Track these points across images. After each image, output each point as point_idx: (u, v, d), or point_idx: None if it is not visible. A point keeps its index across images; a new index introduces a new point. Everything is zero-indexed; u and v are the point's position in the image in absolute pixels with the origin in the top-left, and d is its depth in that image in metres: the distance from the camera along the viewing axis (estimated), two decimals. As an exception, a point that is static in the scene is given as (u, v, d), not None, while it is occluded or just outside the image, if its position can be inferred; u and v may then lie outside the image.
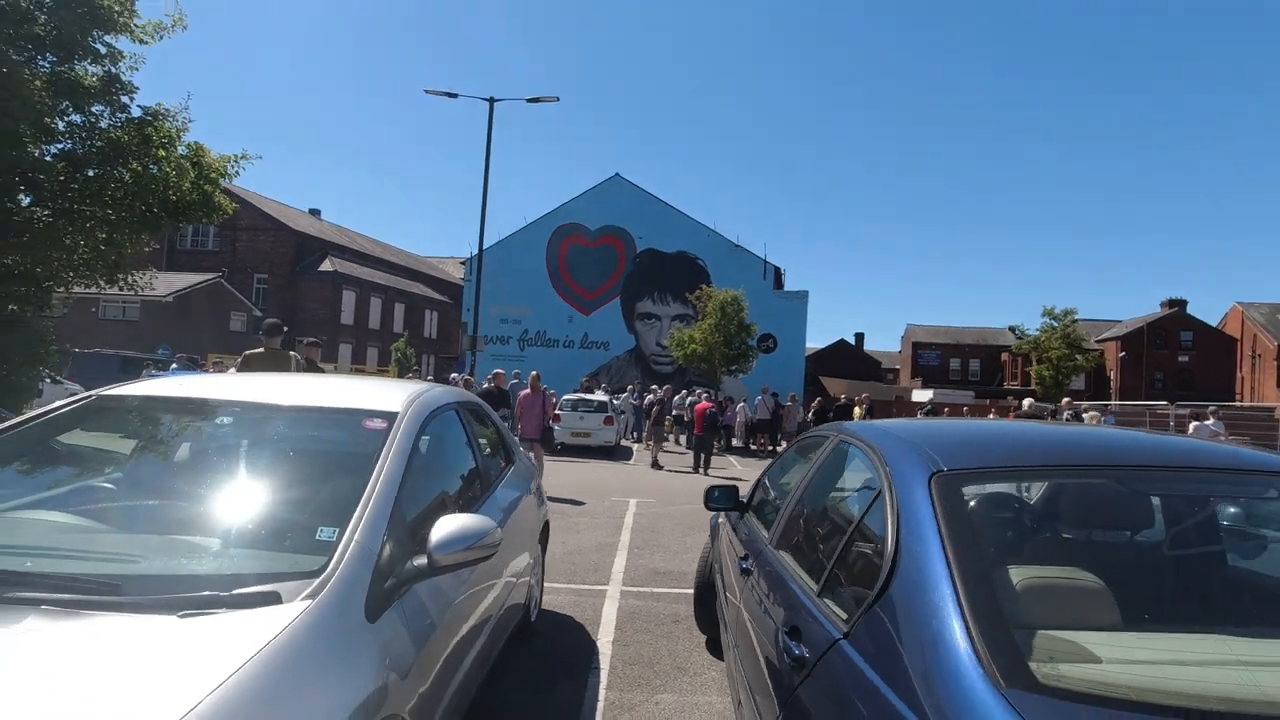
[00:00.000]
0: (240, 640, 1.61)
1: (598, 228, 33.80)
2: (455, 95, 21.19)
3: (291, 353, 6.96)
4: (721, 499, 3.76)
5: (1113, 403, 37.61)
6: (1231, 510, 1.95)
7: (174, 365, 20.65)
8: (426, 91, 21.79)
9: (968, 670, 1.30)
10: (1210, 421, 12.32)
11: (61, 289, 8.53)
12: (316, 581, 1.87)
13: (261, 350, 6.72)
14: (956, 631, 1.38)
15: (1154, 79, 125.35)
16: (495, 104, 20.92)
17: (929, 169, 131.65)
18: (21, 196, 7.89)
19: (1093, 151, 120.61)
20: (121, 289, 8.68)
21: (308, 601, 1.80)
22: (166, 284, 33.26)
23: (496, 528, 2.35)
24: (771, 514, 3.08)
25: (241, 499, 2.35)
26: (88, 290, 9.45)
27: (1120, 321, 57.43)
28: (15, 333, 7.87)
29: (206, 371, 17.01)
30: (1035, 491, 2.03)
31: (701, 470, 14.87)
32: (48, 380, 13.04)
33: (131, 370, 20.36)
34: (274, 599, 1.78)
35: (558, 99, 21.69)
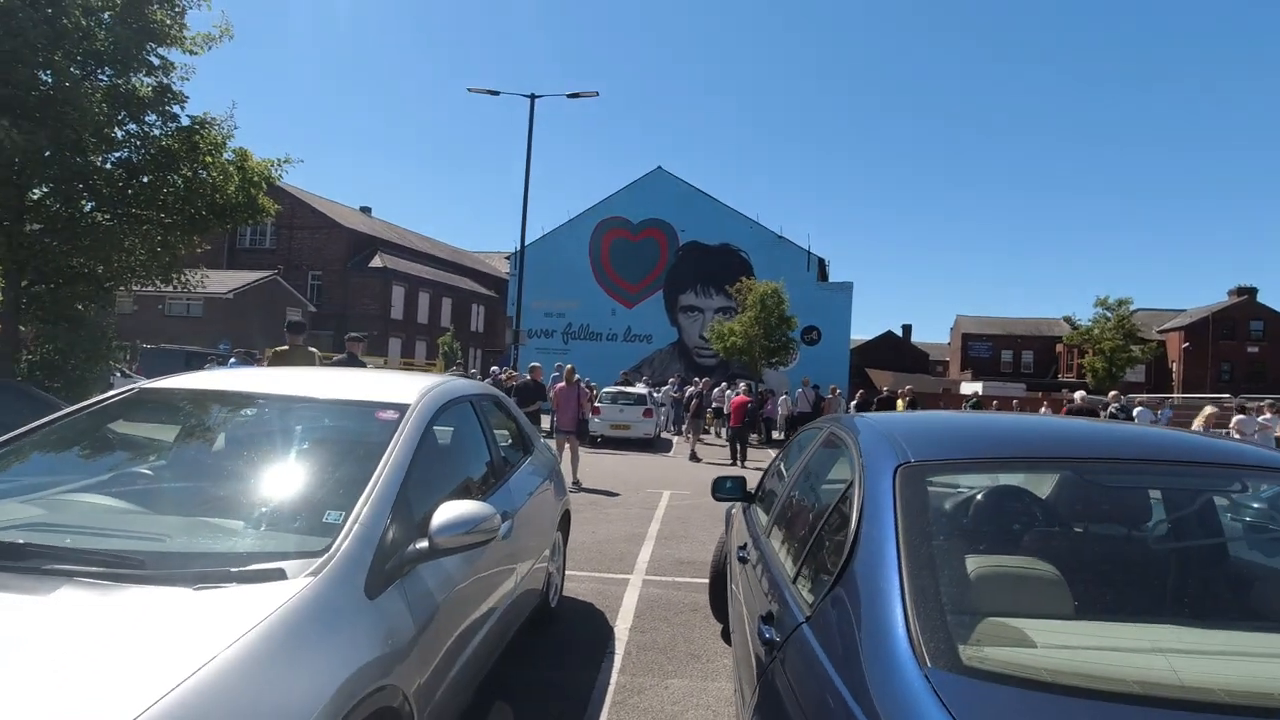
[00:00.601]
0: (246, 611, 1.77)
1: (640, 221, 33.88)
2: (497, 93, 21.57)
3: (311, 349, 7.56)
4: (731, 490, 3.84)
5: (1175, 395, 36.07)
6: (1197, 503, 1.94)
7: (232, 359, 21.53)
8: (469, 90, 22.17)
9: (900, 651, 1.37)
10: (1265, 415, 11.73)
11: (122, 289, 9.08)
12: (320, 560, 2.02)
13: (287, 347, 7.35)
14: (896, 615, 1.45)
15: (1212, 60, 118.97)
16: (536, 100, 21.21)
17: (980, 155, 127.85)
18: (84, 202, 8.43)
19: (1156, 135, 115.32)
20: (176, 288, 9.22)
21: (310, 578, 1.95)
22: (227, 281, 34.71)
23: (496, 514, 2.48)
24: (771, 502, 3.15)
25: (260, 484, 2.55)
26: (146, 289, 10.02)
27: (1184, 311, 54.91)
28: (79, 330, 8.43)
29: (262, 365, 17.74)
30: (1002, 483, 2.05)
31: (739, 463, 14.88)
32: (119, 374, 13.82)
33: (195, 364, 21.26)
34: (279, 575, 1.94)
35: (597, 94, 21.88)
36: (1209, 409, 12.75)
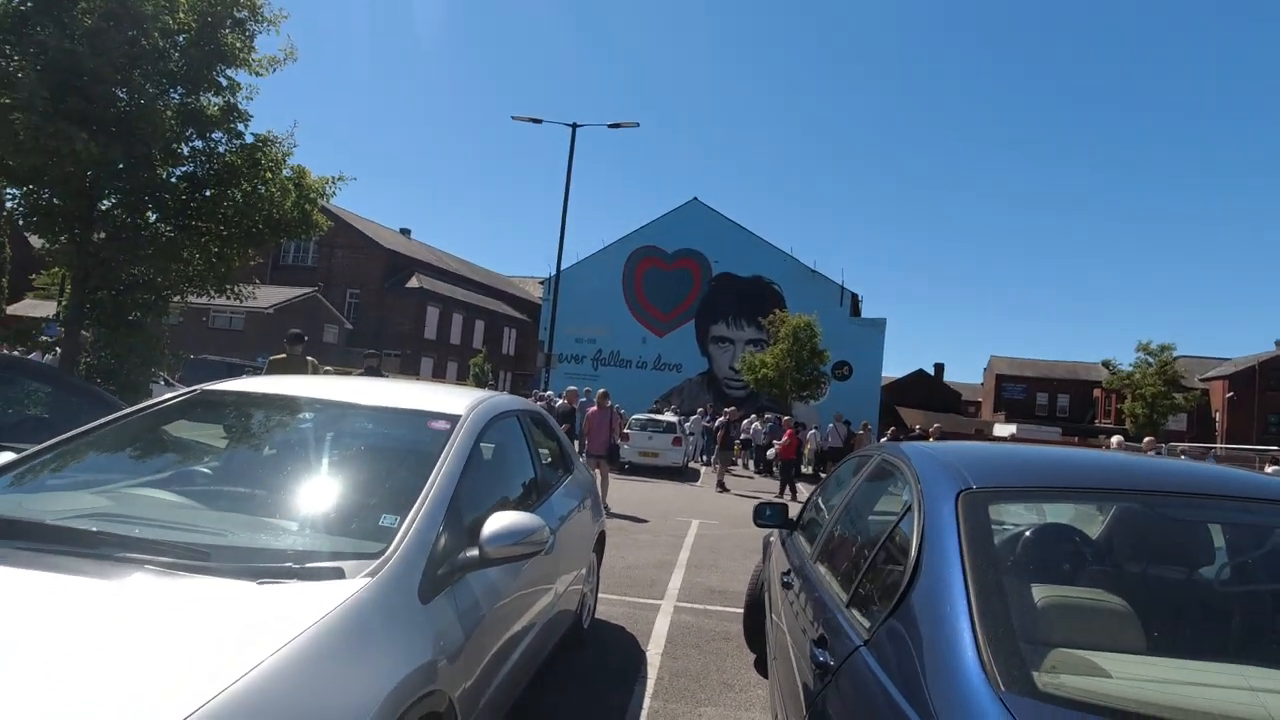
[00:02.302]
0: (307, 607, 1.80)
1: (674, 251, 34.12)
2: (540, 121, 22.02)
3: (310, 358, 8.06)
4: (772, 516, 3.80)
5: (1219, 445, 34.91)
6: (1269, 541, 1.89)
7: (271, 372, 21.95)
8: (513, 118, 22.67)
9: (971, 674, 1.35)
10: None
11: (177, 298, 9.42)
12: (376, 562, 2.06)
13: (284, 356, 7.82)
14: (965, 638, 1.43)
15: (1259, 104, 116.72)
16: (577, 130, 21.61)
17: (1019, 196, 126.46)
18: (149, 214, 8.81)
19: (1200, 183, 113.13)
20: (229, 299, 9.52)
21: (368, 579, 1.99)
22: (269, 297, 35.60)
23: (545, 526, 2.49)
24: (816, 530, 3.12)
25: (317, 487, 2.60)
26: (199, 301, 10.36)
27: (1229, 360, 53.33)
28: (136, 336, 8.75)
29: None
30: (1065, 513, 2.02)
31: (790, 495, 14.73)
32: (161, 382, 14.20)
33: (234, 375, 21.70)
34: (339, 574, 1.98)
35: (638, 125, 22.26)
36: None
